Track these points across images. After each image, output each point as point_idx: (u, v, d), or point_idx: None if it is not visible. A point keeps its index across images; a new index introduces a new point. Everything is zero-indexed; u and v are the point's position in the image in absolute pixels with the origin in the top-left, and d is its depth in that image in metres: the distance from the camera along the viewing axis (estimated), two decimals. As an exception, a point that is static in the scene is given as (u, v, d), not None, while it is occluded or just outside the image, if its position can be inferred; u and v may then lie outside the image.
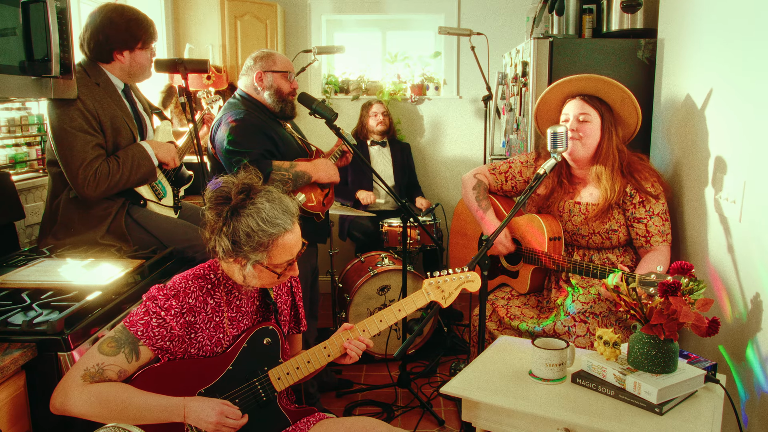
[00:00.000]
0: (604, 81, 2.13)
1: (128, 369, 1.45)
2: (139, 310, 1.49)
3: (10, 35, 1.69)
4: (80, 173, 2.01)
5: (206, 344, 1.55)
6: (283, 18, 4.27)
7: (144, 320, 1.47)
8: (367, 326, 1.66)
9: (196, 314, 1.52)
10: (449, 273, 1.73)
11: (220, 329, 1.56)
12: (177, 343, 1.50)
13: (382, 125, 4.05)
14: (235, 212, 1.45)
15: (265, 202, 1.46)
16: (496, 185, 2.48)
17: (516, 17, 4.24)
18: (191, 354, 1.53)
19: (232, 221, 1.44)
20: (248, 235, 1.43)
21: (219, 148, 2.43)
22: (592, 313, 2.11)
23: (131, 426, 1.38)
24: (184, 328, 1.50)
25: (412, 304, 1.70)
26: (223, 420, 1.44)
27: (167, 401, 1.43)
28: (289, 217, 1.49)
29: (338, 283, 3.58)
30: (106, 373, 1.42)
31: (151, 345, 1.47)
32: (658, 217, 2.15)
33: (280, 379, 1.59)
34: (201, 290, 1.54)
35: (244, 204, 1.45)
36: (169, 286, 1.52)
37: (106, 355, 1.43)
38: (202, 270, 1.57)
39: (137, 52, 2.16)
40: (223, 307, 1.57)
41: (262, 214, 1.44)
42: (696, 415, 1.44)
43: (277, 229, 1.45)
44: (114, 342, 1.45)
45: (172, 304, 1.49)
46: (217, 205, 1.47)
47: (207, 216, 1.50)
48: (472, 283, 1.73)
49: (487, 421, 1.58)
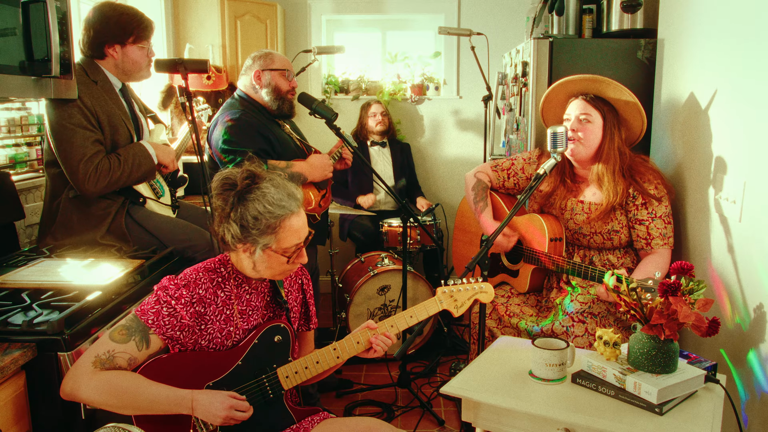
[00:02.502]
0: (608, 83, 2.12)
1: (138, 357, 1.46)
2: (150, 299, 1.50)
3: (10, 35, 1.69)
4: (81, 168, 2.01)
5: (216, 336, 1.56)
6: (283, 18, 4.27)
7: (155, 309, 1.48)
8: (379, 331, 1.67)
9: (207, 306, 1.54)
10: (463, 282, 1.75)
11: (231, 322, 1.58)
12: (187, 333, 1.51)
13: (381, 125, 4.04)
14: (241, 197, 1.48)
15: (270, 187, 1.49)
16: (498, 182, 2.48)
17: (516, 17, 4.24)
18: (202, 346, 1.55)
19: (239, 206, 1.48)
20: (256, 218, 1.46)
21: (215, 147, 2.44)
22: (590, 314, 2.11)
23: (131, 426, 1.38)
24: (194, 318, 1.51)
25: (425, 311, 1.71)
26: (231, 413, 1.45)
27: (175, 393, 1.44)
28: (295, 201, 1.52)
29: (338, 283, 3.58)
30: (117, 360, 1.43)
31: (161, 334, 1.48)
32: (660, 220, 2.14)
33: (288, 377, 1.60)
34: (211, 282, 1.56)
35: (249, 189, 1.48)
36: (181, 276, 1.54)
37: (117, 342, 1.44)
38: (213, 264, 1.59)
39: (129, 47, 2.17)
40: (234, 300, 1.59)
41: (268, 197, 1.47)
42: (696, 415, 1.44)
43: (284, 210, 1.48)
44: (125, 330, 1.46)
45: (182, 293, 1.50)
46: (223, 191, 1.50)
47: (214, 203, 1.53)
48: (485, 294, 1.76)
49: (487, 421, 1.58)
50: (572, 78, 2.19)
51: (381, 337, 1.65)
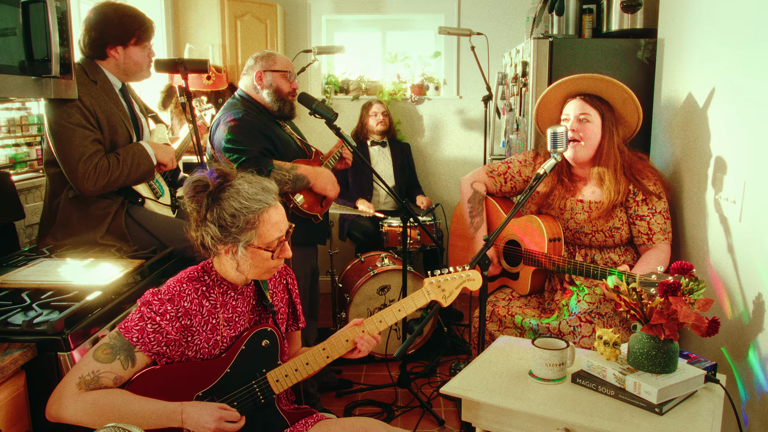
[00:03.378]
0: (606, 80, 2.13)
1: (124, 375, 1.44)
2: (133, 315, 1.47)
3: (10, 35, 1.69)
4: (80, 167, 2.01)
5: (203, 347, 1.54)
6: (283, 18, 4.27)
7: (139, 326, 1.45)
8: (366, 327, 1.66)
9: (192, 317, 1.51)
10: (450, 272, 1.73)
11: (216, 331, 1.55)
12: (174, 347, 1.49)
13: (382, 125, 4.04)
14: (215, 197, 1.47)
15: (243, 183, 1.48)
16: (495, 188, 2.48)
17: (516, 17, 4.24)
18: (189, 357, 1.52)
19: (215, 206, 1.46)
20: (233, 215, 1.45)
21: (218, 148, 2.43)
22: (597, 314, 2.10)
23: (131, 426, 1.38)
24: (180, 332, 1.49)
25: (413, 304, 1.70)
26: (221, 425, 1.43)
27: (164, 407, 1.41)
28: (270, 194, 1.50)
29: (338, 283, 3.58)
30: (102, 380, 1.41)
31: (147, 351, 1.45)
32: (660, 215, 2.15)
33: (279, 381, 1.59)
34: (196, 293, 1.53)
35: (222, 188, 1.47)
36: (164, 290, 1.51)
37: (102, 362, 1.41)
38: (195, 272, 1.56)
39: (131, 48, 2.17)
40: (219, 308, 1.56)
41: (243, 194, 1.46)
42: (696, 415, 1.44)
43: (260, 204, 1.47)
44: (109, 349, 1.43)
45: (167, 308, 1.47)
46: (196, 194, 1.48)
47: (188, 208, 1.50)
48: (472, 281, 1.73)
49: (487, 421, 1.58)
50: (567, 79, 2.19)
51: (366, 336, 1.64)
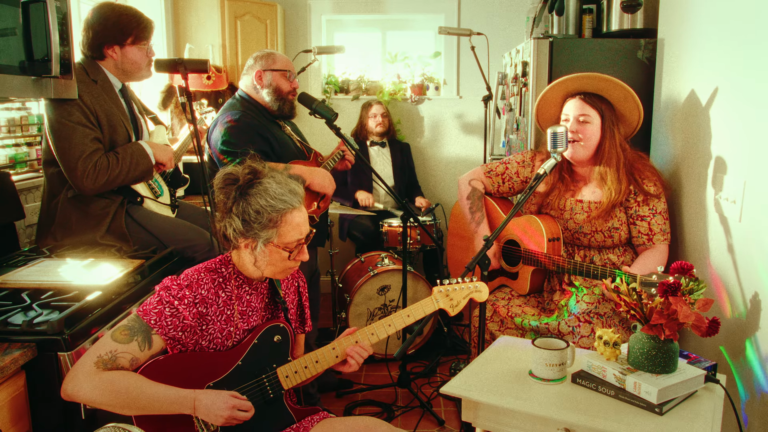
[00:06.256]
0: (605, 78, 2.13)
1: (140, 357, 1.46)
2: (152, 299, 1.50)
3: (10, 35, 1.69)
4: (80, 165, 2.01)
5: (217, 337, 1.56)
6: (283, 18, 4.27)
7: (157, 309, 1.48)
8: (375, 330, 1.68)
9: (209, 306, 1.54)
10: (458, 282, 1.76)
11: (231, 322, 1.58)
12: (189, 333, 1.51)
13: (381, 126, 4.04)
14: (243, 192, 1.50)
15: (272, 182, 1.52)
16: (492, 188, 2.48)
17: (516, 17, 4.24)
18: (202, 346, 1.55)
19: (242, 200, 1.50)
20: (258, 212, 1.49)
21: (214, 148, 2.44)
22: (597, 314, 2.10)
23: (131, 426, 1.38)
24: (197, 319, 1.52)
25: (421, 311, 1.72)
26: (234, 413, 1.45)
27: (177, 393, 1.44)
28: (296, 197, 1.54)
29: (338, 283, 3.58)
30: (119, 360, 1.43)
31: (163, 334, 1.48)
32: (660, 216, 2.16)
33: (288, 377, 1.61)
34: (213, 283, 1.56)
35: (252, 184, 1.51)
36: (183, 276, 1.54)
37: (120, 342, 1.44)
38: (213, 264, 1.60)
39: (128, 47, 2.17)
40: (234, 300, 1.59)
41: (270, 192, 1.50)
42: (696, 415, 1.44)
43: (285, 205, 1.51)
44: (127, 330, 1.46)
45: (185, 293, 1.50)
46: (226, 186, 1.52)
47: (216, 198, 1.55)
48: (479, 293, 1.77)
49: (487, 421, 1.58)
50: (566, 78, 2.19)
51: (357, 348, 1.66)
